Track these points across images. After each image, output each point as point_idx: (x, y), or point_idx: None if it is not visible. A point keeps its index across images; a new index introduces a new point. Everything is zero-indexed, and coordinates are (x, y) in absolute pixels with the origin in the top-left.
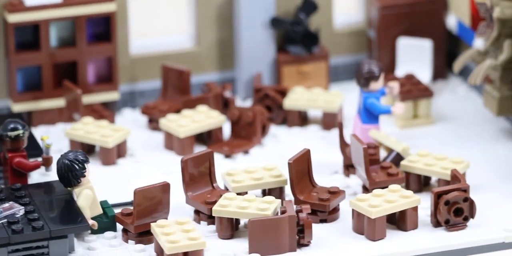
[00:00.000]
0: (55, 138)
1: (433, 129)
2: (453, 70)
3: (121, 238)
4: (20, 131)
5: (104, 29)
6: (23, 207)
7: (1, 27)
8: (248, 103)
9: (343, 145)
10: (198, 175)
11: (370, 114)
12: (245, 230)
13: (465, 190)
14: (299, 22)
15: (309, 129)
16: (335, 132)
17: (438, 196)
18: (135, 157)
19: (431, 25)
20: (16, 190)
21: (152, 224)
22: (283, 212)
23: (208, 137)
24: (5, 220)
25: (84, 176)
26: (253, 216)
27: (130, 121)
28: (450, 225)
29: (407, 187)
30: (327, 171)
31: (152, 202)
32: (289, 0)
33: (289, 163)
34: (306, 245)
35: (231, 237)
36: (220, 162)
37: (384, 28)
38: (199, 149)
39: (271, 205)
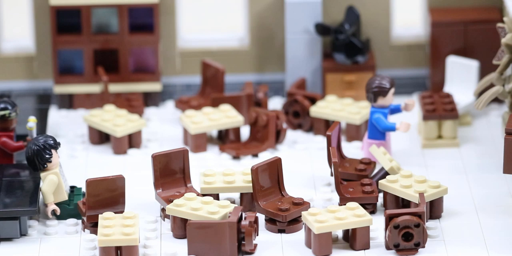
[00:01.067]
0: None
1: (453, 152)
2: (473, 93)
3: (81, 226)
4: (7, 111)
5: (148, 20)
6: None
7: (47, 10)
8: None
9: (330, 158)
10: (176, 173)
11: (375, 130)
12: None
13: (420, 215)
14: (342, 30)
15: None
16: (355, 144)
17: (389, 218)
18: (148, 149)
19: (485, 45)
20: None
21: (100, 215)
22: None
23: (226, 136)
24: None
25: (50, 161)
26: (201, 218)
27: (169, 114)
28: (399, 250)
29: (385, 206)
30: (320, 183)
31: (108, 194)
32: (338, 9)
33: (251, 170)
34: (250, 253)
35: (185, 236)
36: (224, 162)
37: (436, 44)
38: (211, 147)
39: (223, 209)
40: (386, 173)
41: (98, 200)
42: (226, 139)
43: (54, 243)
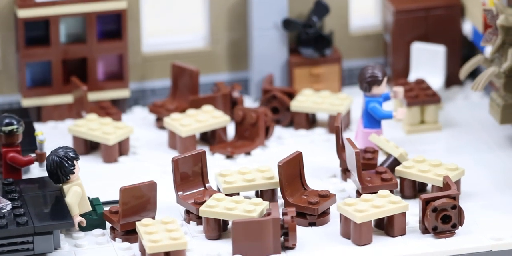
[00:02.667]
0: (63, 134)
1: (439, 135)
2: (460, 76)
3: (109, 236)
4: (15, 126)
5: (115, 26)
6: (10, 202)
7: (12, 23)
8: (257, 104)
9: (340, 149)
10: (190, 175)
11: (371, 119)
12: None
13: (454, 197)
14: (311, 24)
15: (315, 131)
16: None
17: (426, 203)
18: (137, 155)
19: (447, 31)
20: (8, 185)
21: (137, 222)
22: (268, 215)
23: (212, 137)
24: None
25: (73, 173)
26: (239, 217)
27: (139, 119)
28: (437, 232)
29: (402, 192)
30: (325, 174)
31: (139, 200)
32: (303, 3)
33: (278, 166)
34: (292, 248)
35: (218, 237)
36: (220, 162)
37: (399, 32)
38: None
39: (258, 207)
40: (395, 160)
41: (131, 207)
42: (213, 139)
43: (89, 254)
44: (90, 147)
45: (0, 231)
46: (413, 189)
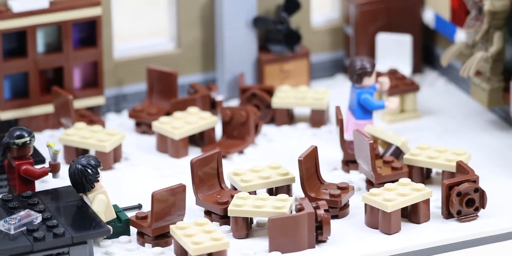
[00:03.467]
0: (42, 145)
1: (421, 123)
2: (442, 63)
3: (136, 242)
4: (27, 138)
5: (89, 33)
6: (40, 214)
7: None
8: (232, 103)
9: (343, 141)
10: (205, 176)
11: (364, 110)
12: (258, 229)
13: (475, 181)
14: (282, 21)
15: (298, 127)
16: (324, 129)
17: (449, 188)
18: (130, 161)
19: (407, 21)
20: (28, 198)
21: (171, 226)
22: (299, 210)
23: (200, 139)
24: (24, 227)
25: (98, 181)
26: (270, 214)
27: (117, 125)
28: (462, 216)
29: (411, 180)
30: (326, 168)
31: (169, 204)
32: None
33: (299, 160)
34: (324, 241)
35: (246, 236)
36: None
37: (362, 24)
38: (193, 151)
39: (286, 202)
40: (397, 149)
41: (162, 211)
42: (202, 141)
43: None
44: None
45: (39, 244)
46: (421, 176)
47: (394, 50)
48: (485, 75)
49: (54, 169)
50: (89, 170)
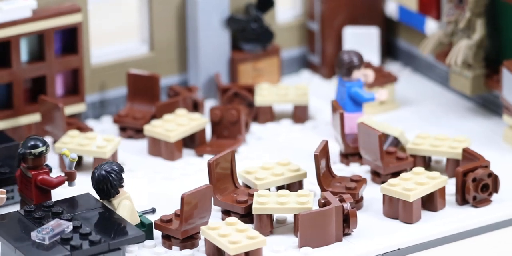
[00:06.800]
0: None
1: (401, 113)
2: (422, 52)
3: (161, 245)
4: (43, 148)
5: (69, 40)
6: (70, 222)
7: None
8: (209, 104)
9: (344, 135)
10: (219, 176)
11: (354, 103)
12: (279, 226)
13: (487, 166)
14: (255, 19)
15: (282, 123)
16: (308, 124)
17: (464, 175)
18: (127, 165)
19: (370, 13)
20: (51, 207)
21: (202, 227)
22: (324, 204)
23: (190, 140)
24: (58, 237)
25: (122, 186)
26: (296, 210)
27: (100, 132)
28: (477, 202)
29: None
30: None
31: (197, 205)
32: None
33: (315, 155)
34: (349, 234)
35: (270, 233)
36: None
37: (328, 19)
38: (187, 153)
39: (309, 198)
40: (395, 139)
41: (190, 212)
42: (193, 142)
43: None
44: (77, 163)
45: (77, 252)
46: (424, 165)
47: (361, 43)
48: (467, 63)
49: (70, 177)
50: (113, 175)
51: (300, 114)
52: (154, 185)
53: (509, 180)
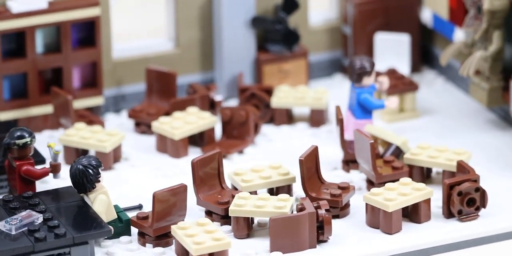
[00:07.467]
0: (41, 145)
1: (421, 122)
2: (440, 63)
3: (137, 242)
4: (28, 139)
5: (88, 34)
6: (41, 214)
7: None
8: (231, 103)
9: (344, 141)
10: (206, 176)
11: (364, 109)
12: (259, 229)
13: (476, 180)
14: (280, 20)
15: (297, 127)
16: (324, 129)
17: (450, 187)
18: (130, 161)
19: (405, 20)
20: (29, 198)
21: (172, 226)
22: (300, 209)
23: (200, 138)
24: (25, 228)
25: (99, 181)
26: (271, 214)
27: (116, 126)
28: (462, 216)
29: (411, 180)
30: (326, 168)
31: (170, 204)
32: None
33: (300, 160)
34: (325, 241)
35: (247, 236)
36: None
37: (360, 24)
38: (193, 151)
39: (287, 202)
40: (397, 148)
41: (163, 211)
42: (202, 141)
43: None
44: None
45: (40, 244)
46: (422, 176)
47: (392, 50)
48: (484, 75)
49: (54, 169)
50: (90, 170)
51: (316, 118)
52: (151, 182)
53: (508, 195)
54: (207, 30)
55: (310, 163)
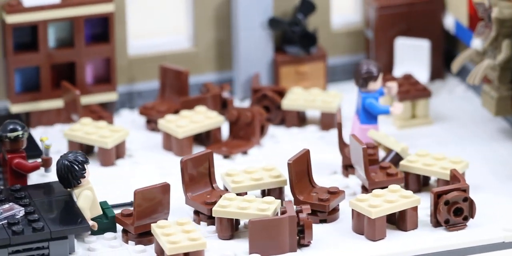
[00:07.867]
0: (53, 139)
1: (432, 129)
2: (452, 70)
3: (121, 239)
4: (20, 132)
5: (102, 29)
6: (23, 208)
7: None
8: (246, 104)
9: (342, 145)
10: (197, 176)
11: (368, 114)
12: (245, 231)
13: (465, 190)
14: (297, 22)
15: (307, 129)
16: (333, 132)
17: (437, 196)
18: (133, 157)
19: (428, 26)
20: (16, 191)
21: (152, 225)
22: (283, 213)
23: (206, 138)
24: (5, 221)
25: (84, 177)
26: (253, 216)
27: (129, 122)
28: (450, 225)
29: (407, 187)
30: (326, 171)
31: (152, 202)
32: (287, 1)
33: (288, 164)
34: (307, 245)
35: (231, 237)
36: (219, 162)
37: (382, 28)
38: (198, 150)
39: (271, 205)
40: (396, 155)
41: (145, 209)
42: (208, 140)
43: None
44: (86, 151)
45: (17, 237)
46: (417, 183)
47: (412, 55)
48: (494, 83)
49: (46, 163)
50: (75, 166)
51: (326, 121)
52: (150, 179)
53: (499, 207)
54: (225, 30)
55: (300, 167)
